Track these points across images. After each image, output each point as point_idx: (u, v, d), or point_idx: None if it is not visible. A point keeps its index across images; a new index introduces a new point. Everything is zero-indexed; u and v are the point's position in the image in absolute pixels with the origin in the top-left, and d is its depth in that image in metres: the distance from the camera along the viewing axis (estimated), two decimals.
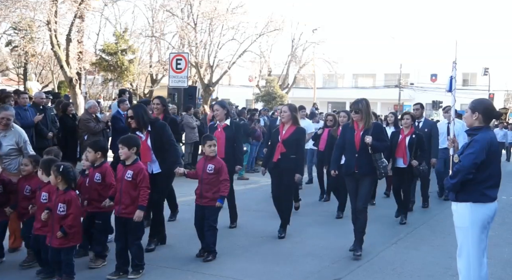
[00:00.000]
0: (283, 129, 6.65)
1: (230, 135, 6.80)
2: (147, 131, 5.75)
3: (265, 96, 29.67)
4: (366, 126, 5.84)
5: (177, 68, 14.01)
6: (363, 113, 5.84)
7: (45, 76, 29.40)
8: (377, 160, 5.81)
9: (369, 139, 5.72)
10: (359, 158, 5.85)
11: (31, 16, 18.37)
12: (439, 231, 7.40)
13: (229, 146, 6.77)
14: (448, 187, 4.18)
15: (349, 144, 5.93)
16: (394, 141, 7.69)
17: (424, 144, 7.89)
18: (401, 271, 5.46)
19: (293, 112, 6.58)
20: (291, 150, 6.50)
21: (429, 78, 41.59)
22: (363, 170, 5.86)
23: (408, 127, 7.89)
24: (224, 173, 5.56)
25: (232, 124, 6.97)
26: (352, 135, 5.91)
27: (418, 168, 7.72)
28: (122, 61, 20.90)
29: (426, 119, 9.36)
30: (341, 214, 8.04)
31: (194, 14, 24.25)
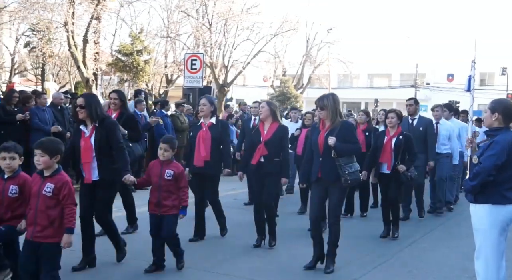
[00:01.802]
0: (263, 128, 5.89)
1: (216, 135, 6.06)
2: (94, 126, 4.93)
3: (280, 96, 29.70)
4: (332, 126, 5.08)
5: (192, 69, 14.06)
6: (329, 110, 5.07)
7: (62, 76, 29.70)
8: (342, 166, 4.99)
9: (331, 141, 4.96)
10: (323, 162, 5.10)
11: (49, 17, 18.61)
12: (456, 232, 7.33)
13: (215, 147, 6.06)
14: (467, 189, 4.14)
15: (314, 146, 5.22)
16: (378, 143, 6.79)
17: (413, 146, 6.76)
18: (417, 272, 5.42)
19: (272, 107, 5.90)
20: (274, 152, 5.78)
21: (445, 78, 41.13)
22: (329, 176, 5.10)
23: (394, 127, 6.74)
24: (183, 179, 5.01)
25: (218, 122, 6.22)
26: (317, 136, 5.20)
27: (406, 174, 6.59)
28: (138, 62, 21.06)
29: (421, 117, 8.25)
30: (365, 213, 8.17)
31: (209, 15, 24.33)
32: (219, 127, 6.12)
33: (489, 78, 41.87)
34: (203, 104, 6.13)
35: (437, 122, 8.41)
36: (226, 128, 6.33)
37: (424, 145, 7.75)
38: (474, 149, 4.47)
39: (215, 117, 6.19)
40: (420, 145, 7.59)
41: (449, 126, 8.50)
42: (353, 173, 5.06)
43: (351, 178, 5.04)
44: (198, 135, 6.04)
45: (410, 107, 8.08)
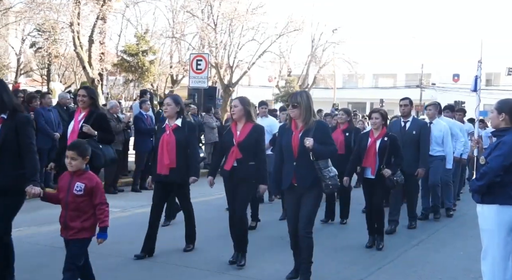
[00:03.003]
0: (236, 128, 5.23)
1: (181, 138, 5.43)
2: (1, 118, 4.09)
3: (285, 97, 29.63)
4: (307, 126, 4.59)
5: (197, 69, 14.09)
6: (302, 109, 4.58)
7: (68, 77, 29.84)
8: (322, 169, 4.53)
9: (309, 143, 4.45)
10: (298, 167, 4.58)
11: (55, 18, 18.70)
12: (461, 233, 7.30)
13: (180, 152, 5.43)
14: (474, 189, 4.12)
15: (286, 150, 4.68)
16: (362, 146, 6.24)
17: (399, 148, 6.18)
18: (422, 273, 5.40)
19: (245, 106, 5.19)
20: (249, 155, 5.12)
21: (451, 78, 41.01)
22: (305, 182, 4.59)
23: (378, 128, 6.20)
24: (99, 194, 3.89)
25: (185, 124, 5.53)
26: (289, 137, 4.66)
27: (391, 179, 6.01)
28: (143, 62, 21.10)
29: (415, 119, 7.54)
30: (344, 220, 7.65)
31: (214, 15, 24.36)
32: (185, 130, 5.48)
33: (495, 78, 41.70)
34: (167, 104, 5.52)
35: (431, 122, 7.82)
36: (193, 130, 5.69)
37: (417, 151, 7.03)
38: (481, 150, 4.45)
39: (181, 119, 5.54)
40: (413, 151, 6.96)
41: (443, 127, 7.84)
42: (333, 177, 4.60)
43: (332, 183, 4.59)
44: (161, 139, 5.45)
45: (405, 108, 7.28)
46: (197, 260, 5.49)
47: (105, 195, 3.98)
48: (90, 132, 5.44)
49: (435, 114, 7.87)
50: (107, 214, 3.91)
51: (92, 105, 5.71)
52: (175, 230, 6.60)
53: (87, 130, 5.44)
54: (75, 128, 5.52)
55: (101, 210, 3.88)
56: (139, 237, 5.63)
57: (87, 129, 5.43)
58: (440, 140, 7.73)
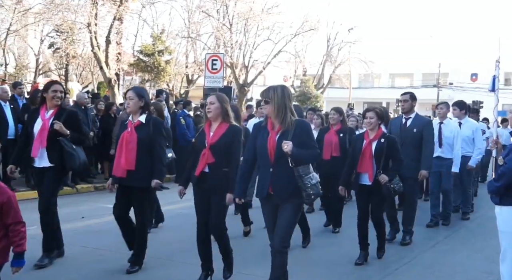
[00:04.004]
0: (209, 129, 4.58)
1: (144, 136, 4.81)
2: None
3: (300, 96, 29.64)
4: (284, 126, 3.95)
5: (213, 69, 14.12)
6: (275, 105, 3.94)
7: (85, 77, 30.18)
8: (302, 177, 3.91)
9: (287, 147, 3.79)
10: (275, 174, 3.97)
11: (73, 18, 18.93)
12: (479, 234, 7.21)
13: (143, 152, 4.79)
14: (492, 190, 4.07)
15: (261, 153, 4.03)
16: (356, 149, 5.61)
17: (397, 151, 5.54)
18: (440, 274, 5.36)
19: (223, 104, 4.54)
20: (222, 159, 4.46)
21: (469, 78, 40.54)
22: (282, 192, 3.97)
23: (374, 129, 5.54)
24: (12, 211, 3.10)
25: (150, 121, 4.91)
26: (265, 139, 4.01)
27: (388, 186, 5.39)
28: (159, 62, 21.26)
29: (418, 116, 6.67)
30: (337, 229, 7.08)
31: (230, 15, 24.43)
32: (150, 127, 4.86)
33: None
34: (129, 98, 4.90)
35: (441, 122, 7.40)
36: (159, 127, 4.97)
37: (417, 151, 6.36)
38: (499, 150, 4.39)
39: (146, 114, 4.93)
40: (413, 150, 6.33)
41: (454, 128, 7.41)
42: (315, 185, 3.98)
43: (314, 192, 3.97)
44: (121, 137, 4.84)
45: (405, 104, 6.58)
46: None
47: (20, 212, 3.15)
48: (62, 130, 4.91)
49: (446, 114, 7.54)
50: (24, 235, 3.14)
51: (62, 103, 5.22)
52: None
53: (59, 128, 4.88)
54: (45, 126, 4.95)
55: (16, 231, 3.10)
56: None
57: (59, 127, 4.88)
58: (451, 141, 7.35)
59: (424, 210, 8.27)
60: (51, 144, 4.93)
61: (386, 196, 5.53)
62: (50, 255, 5.01)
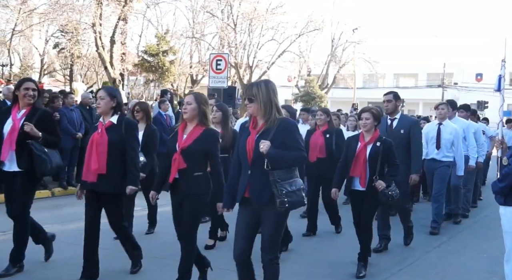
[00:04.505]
0: (183, 131, 4.26)
1: (115, 138, 4.45)
2: None
3: (304, 96, 29.63)
4: (267, 125, 3.60)
5: (217, 69, 14.15)
6: (260, 103, 3.58)
7: (90, 77, 30.32)
8: (277, 182, 3.49)
9: (264, 146, 3.44)
10: (253, 177, 3.61)
11: (77, 19, 19.02)
12: (483, 235, 7.19)
13: (114, 156, 4.44)
14: (496, 190, 4.05)
15: (241, 154, 3.71)
16: (350, 152, 5.26)
17: (394, 155, 5.17)
18: (444, 275, 5.34)
19: (201, 105, 4.22)
20: (195, 165, 4.16)
21: (474, 78, 40.43)
22: (261, 197, 3.58)
23: (369, 130, 5.16)
24: None
25: (122, 121, 4.55)
26: (245, 139, 3.69)
27: (385, 193, 5.02)
28: (163, 62, 21.32)
29: (403, 116, 6.45)
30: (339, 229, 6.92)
31: (234, 15, 24.47)
32: (122, 128, 4.50)
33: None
34: (100, 97, 4.54)
35: (440, 123, 7.11)
36: (132, 128, 4.62)
37: (407, 153, 6.03)
38: (505, 150, 4.37)
39: (118, 115, 4.57)
40: (402, 153, 5.89)
41: (454, 129, 7.07)
42: (293, 193, 3.52)
43: (291, 200, 3.50)
44: (91, 140, 4.50)
45: (388, 104, 6.22)
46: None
47: None
48: (33, 132, 4.56)
49: (446, 115, 7.16)
50: None
51: (37, 102, 4.85)
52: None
53: (30, 129, 4.55)
54: (15, 127, 4.62)
55: None
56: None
57: (29, 129, 4.55)
58: (449, 144, 7.01)
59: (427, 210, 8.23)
60: (20, 147, 4.58)
61: (383, 203, 5.18)
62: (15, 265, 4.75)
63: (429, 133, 7.16)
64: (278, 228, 3.68)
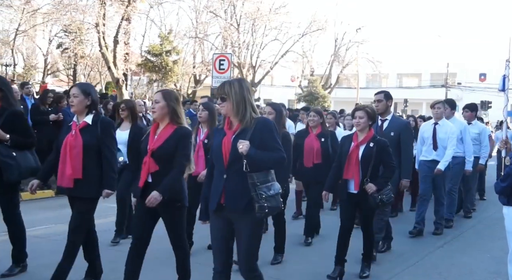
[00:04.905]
0: (155, 131, 3.97)
1: (92, 140, 4.12)
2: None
3: (308, 96, 29.63)
4: (243, 125, 3.32)
5: (220, 69, 14.15)
6: (233, 102, 3.31)
7: (93, 77, 30.36)
8: (257, 185, 3.22)
9: (243, 146, 3.16)
10: (229, 182, 3.31)
11: (81, 19, 19.08)
12: (487, 235, 7.17)
13: (90, 159, 4.11)
14: (498, 190, 4.05)
15: (216, 157, 3.41)
16: (343, 153, 4.98)
17: (389, 156, 4.87)
18: (447, 275, 5.33)
19: (170, 102, 3.91)
20: (168, 167, 3.84)
21: (477, 78, 40.34)
22: (236, 204, 3.29)
23: (363, 130, 4.88)
24: None
25: (98, 121, 4.19)
26: (220, 140, 3.39)
27: (375, 197, 4.74)
28: (167, 62, 21.36)
29: (394, 117, 6.06)
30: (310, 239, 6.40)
31: (237, 15, 24.50)
32: (98, 129, 4.15)
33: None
34: (74, 95, 4.16)
35: (436, 122, 6.82)
36: (109, 128, 4.26)
37: (395, 157, 5.38)
38: (508, 150, 4.36)
39: (93, 114, 4.21)
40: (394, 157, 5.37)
41: (449, 129, 6.77)
42: (273, 197, 3.26)
43: (271, 206, 3.23)
44: (64, 142, 4.14)
45: (379, 104, 5.89)
46: None
47: None
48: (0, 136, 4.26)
49: (442, 114, 6.84)
50: None
51: (3, 100, 4.46)
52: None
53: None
54: None
55: None
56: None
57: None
58: (446, 144, 6.73)
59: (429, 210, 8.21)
60: None
61: (373, 207, 4.87)
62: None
63: (424, 133, 6.91)
64: (256, 238, 3.40)
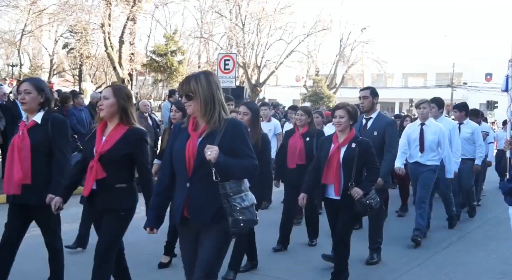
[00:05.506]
0: (103, 132, 3.51)
1: (40, 141, 3.70)
2: None
3: (313, 96, 29.61)
4: (210, 127, 2.90)
5: (225, 69, 14.16)
6: (203, 99, 2.88)
7: (99, 77, 30.50)
8: (230, 196, 2.82)
9: (211, 153, 2.75)
10: (193, 191, 2.90)
11: (86, 19, 19.16)
12: (493, 236, 7.14)
13: (39, 162, 3.70)
14: (505, 191, 4.03)
15: (178, 162, 2.96)
16: (322, 155, 4.59)
17: (373, 158, 4.49)
18: (453, 275, 5.31)
19: (120, 100, 3.47)
20: (116, 174, 3.43)
21: (483, 77, 40.18)
22: (202, 216, 2.90)
23: (344, 130, 4.49)
24: None
25: (48, 120, 3.76)
26: (183, 143, 2.94)
27: (363, 202, 4.35)
28: (172, 62, 21.40)
29: (380, 115, 5.67)
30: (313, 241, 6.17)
31: (242, 15, 24.51)
32: (48, 128, 3.73)
33: None
34: (26, 91, 3.75)
35: (423, 123, 6.42)
36: (61, 127, 3.82)
37: (379, 158, 5.10)
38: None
39: (44, 112, 3.79)
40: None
41: (438, 129, 6.37)
42: (247, 209, 2.87)
43: (246, 219, 2.85)
44: (11, 143, 3.76)
45: (365, 101, 5.53)
46: None
47: None
48: None
49: (429, 114, 6.45)
50: None
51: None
52: None
53: None
54: None
55: None
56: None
57: None
58: (434, 146, 6.33)
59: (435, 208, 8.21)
60: None
61: (361, 214, 4.51)
62: None
63: (411, 134, 6.49)
64: (220, 253, 2.92)
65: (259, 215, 3.00)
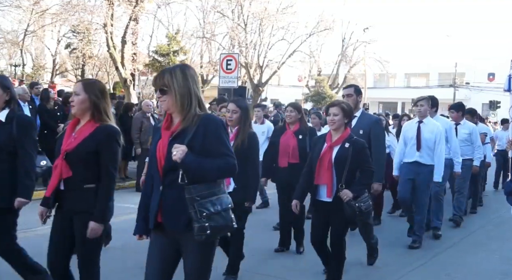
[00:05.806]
0: (73, 129, 3.28)
1: (4, 140, 3.52)
2: None
3: (315, 96, 29.61)
4: (184, 123, 2.67)
5: (227, 69, 14.17)
6: (178, 94, 2.66)
7: (101, 77, 30.51)
8: (196, 200, 2.57)
9: (177, 153, 2.55)
10: (165, 194, 2.68)
11: (89, 19, 19.21)
12: (496, 236, 7.13)
13: (2, 161, 3.54)
14: (508, 191, 4.03)
15: (151, 165, 2.80)
16: (315, 154, 4.34)
17: (367, 159, 4.27)
18: (455, 275, 5.31)
19: (92, 96, 3.21)
20: (84, 173, 3.17)
21: (486, 77, 40.10)
22: (174, 222, 2.66)
23: (338, 129, 4.25)
24: None
25: (13, 119, 3.58)
26: (155, 144, 2.77)
27: (352, 205, 4.11)
28: (174, 62, 21.43)
29: (364, 114, 5.49)
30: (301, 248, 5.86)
31: (245, 15, 24.52)
32: (13, 127, 3.55)
33: None
34: None
35: (421, 120, 6.20)
36: (27, 126, 3.65)
37: None
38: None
39: (9, 111, 3.61)
40: None
41: (435, 128, 6.19)
42: (218, 214, 2.61)
43: (215, 225, 2.59)
44: None
45: (349, 99, 5.26)
46: None
47: None
48: None
49: (427, 112, 6.24)
50: None
51: None
52: None
53: None
54: None
55: None
56: None
57: None
58: (431, 144, 6.14)
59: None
60: None
61: (350, 217, 4.20)
62: None
63: (407, 132, 6.29)
64: (205, 259, 2.74)
65: (259, 215, 2.99)
